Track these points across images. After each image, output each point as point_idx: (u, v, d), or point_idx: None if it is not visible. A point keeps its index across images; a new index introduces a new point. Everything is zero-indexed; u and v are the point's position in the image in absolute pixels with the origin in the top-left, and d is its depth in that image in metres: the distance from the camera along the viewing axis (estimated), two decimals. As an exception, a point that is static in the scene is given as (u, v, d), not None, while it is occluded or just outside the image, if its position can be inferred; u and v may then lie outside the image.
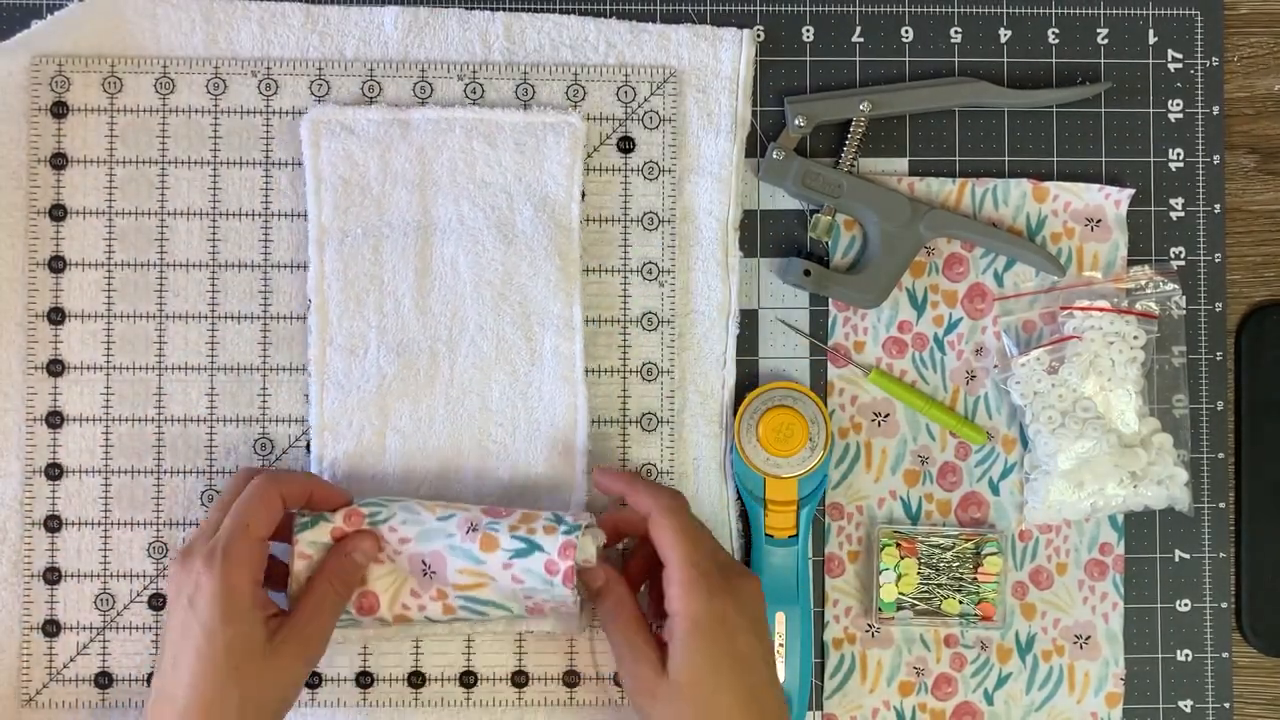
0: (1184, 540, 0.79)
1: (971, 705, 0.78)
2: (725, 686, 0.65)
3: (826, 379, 0.79)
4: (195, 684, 0.63)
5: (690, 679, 0.65)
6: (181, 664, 0.63)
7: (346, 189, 0.75)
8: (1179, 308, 0.79)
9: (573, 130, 0.75)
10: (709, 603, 0.65)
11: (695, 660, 0.65)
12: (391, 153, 0.75)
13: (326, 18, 0.76)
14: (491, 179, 0.75)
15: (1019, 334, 0.78)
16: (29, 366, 0.75)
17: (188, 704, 0.63)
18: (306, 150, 0.75)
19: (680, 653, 0.65)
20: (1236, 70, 0.81)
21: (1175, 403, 0.78)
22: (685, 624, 0.65)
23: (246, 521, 0.65)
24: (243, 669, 0.63)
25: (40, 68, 0.75)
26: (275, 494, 0.67)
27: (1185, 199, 0.80)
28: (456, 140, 0.75)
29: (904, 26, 0.80)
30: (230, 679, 0.63)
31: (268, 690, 0.64)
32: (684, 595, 0.65)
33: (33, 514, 0.75)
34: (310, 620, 0.66)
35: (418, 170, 0.75)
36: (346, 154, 0.75)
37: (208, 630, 0.63)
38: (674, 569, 0.66)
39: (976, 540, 0.77)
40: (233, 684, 0.63)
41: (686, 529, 0.67)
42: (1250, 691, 0.80)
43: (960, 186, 0.79)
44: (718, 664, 0.65)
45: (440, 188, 0.75)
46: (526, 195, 0.75)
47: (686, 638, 0.65)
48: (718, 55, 0.77)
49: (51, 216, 0.75)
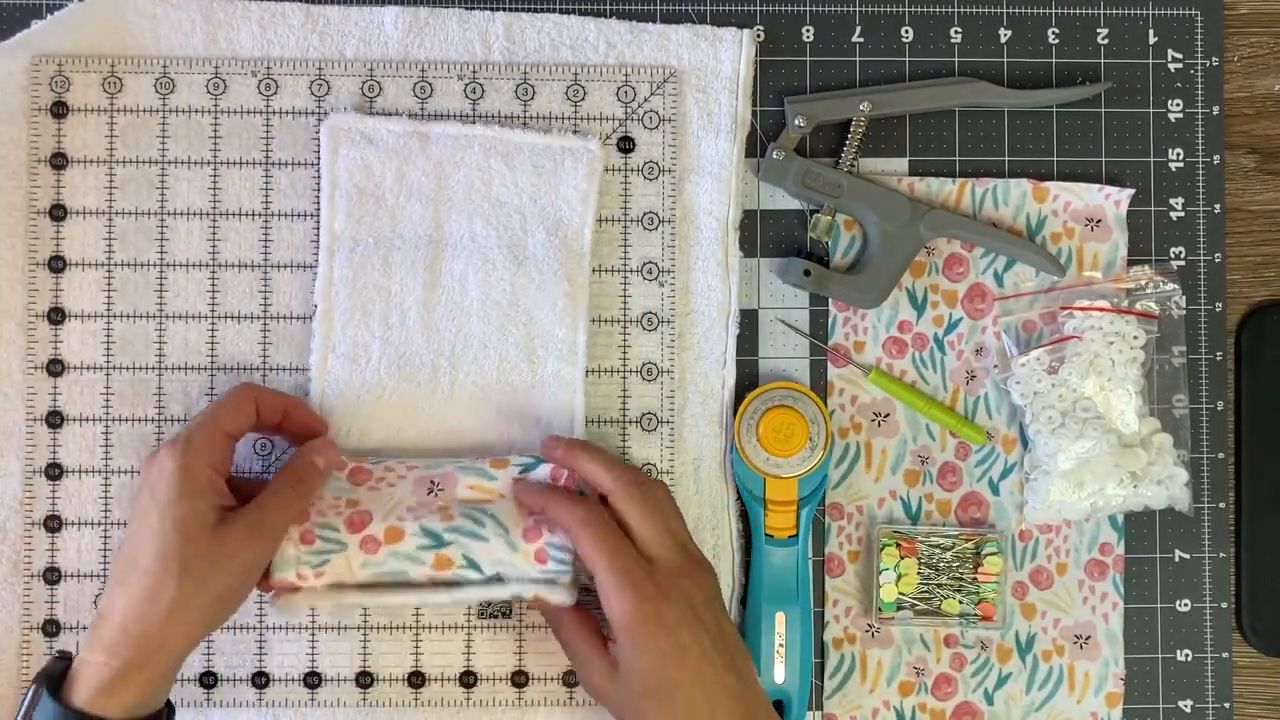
0: (1184, 540, 0.79)
1: (971, 705, 0.78)
2: (675, 681, 0.65)
3: (826, 379, 0.79)
4: (144, 561, 0.64)
5: (639, 677, 0.65)
6: (135, 543, 0.64)
7: (361, 198, 0.75)
8: (1179, 308, 0.79)
9: (590, 157, 0.75)
10: (639, 606, 0.65)
11: (642, 661, 0.65)
12: (409, 165, 0.75)
13: (326, 18, 0.76)
14: (506, 199, 0.75)
15: (1019, 334, 0.78)
16: (29, 366, 0.75)
17: (132, 580, 0.64)
18: (324, 155, 0.75)
19: (626, 657, 0.66)
20: (1236, 70, 0.81)
21: (1175, 403, 0.78)
22: (622, 630, 0.66)
23: (215, 414, 0.68)
24: (187, 545, 0.64)
25: (40, 68, 0.75)
26: (249, 398, 0.69)
27: (1185, 199, 0.80)
28: (474, 158, 0.75)
29: (904, 26, 0.80)
30: (174, 553, 0.63)
31: (210, 569, 0.64)
32: (614, 603, 0.66)
33: (33, 514, 0.75)
34: (262, 510, 0.66)
35: (433, 184, 0.75)
36: (364, 163, 0.75)
37: (160, 507, 0.64)
38: (600, 579, 0.66)
39: (976, 540, 0.77)
40: (175, 558, 0.63)
41: (603, 539, 0.67)
42: (1250, 691, 0.80)
43: (960, 186, 0.79)
44: (664, 662, 0.65)
45: (455, 204, 0.75)
46: (540, 218, 0.75)
47: (627, 642, 0.66)
48: (718, 55, 0.77)
49: (51, 216, 0.75)
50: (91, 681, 0.63)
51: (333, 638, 0.75)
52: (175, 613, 0.63)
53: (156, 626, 0.63)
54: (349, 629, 0.75)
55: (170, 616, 0.63)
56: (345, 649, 0.75)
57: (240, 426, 0.68)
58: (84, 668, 0.63)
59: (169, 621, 0.63)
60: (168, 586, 0.63)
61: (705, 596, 0.68)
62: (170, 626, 0.63)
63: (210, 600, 0.65)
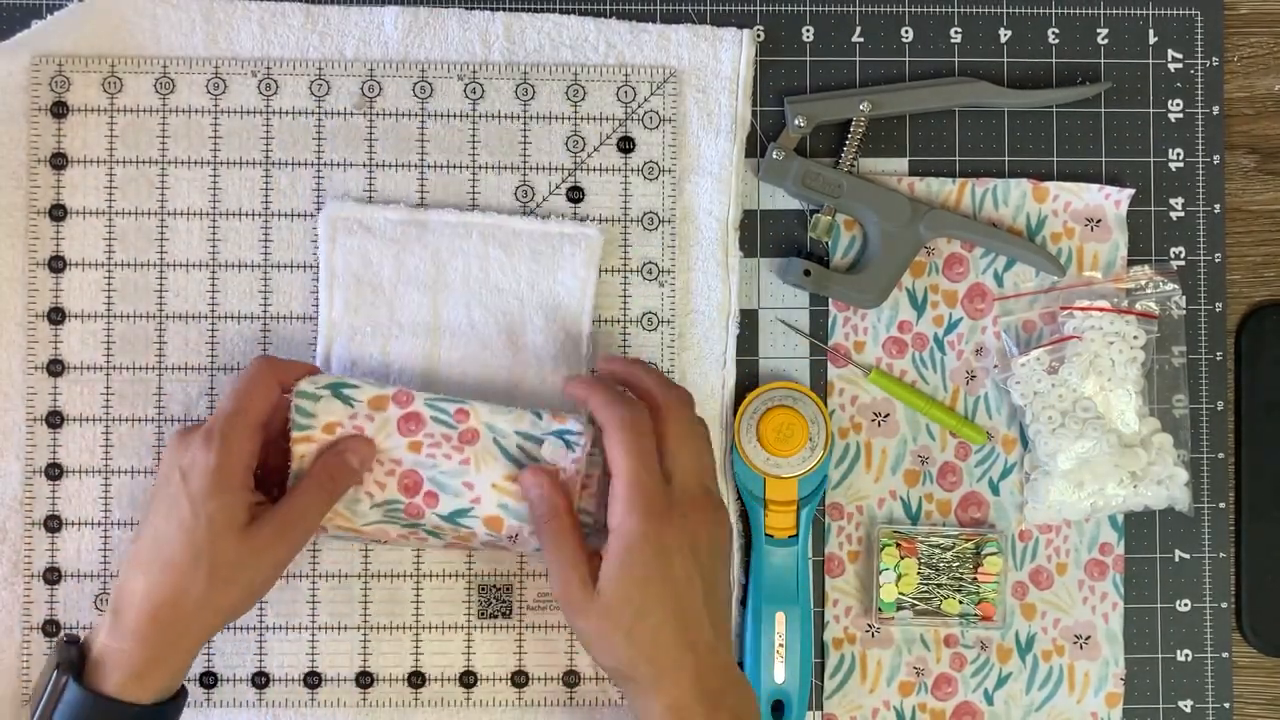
0: (1184, 540, 0.79)
1: (971, 705, 0.78)
2: (652, 608, 0.64)
3: (826, 379, 0.79)
4: (173, 553, 0.64)
5: (617, 597, 0.64)
6: (165, 535, 0.64)
7: (359, 287, 0.75)
8: (1179, 308, 0.79)
9: (589, 243, 0.75)
10: (645, 522, 0.64)
11: (624, 577, 0.64)
12: (406, 253, 0.75)
13: (326, 18, 0.76)
14: (504, 285, 0.75)
15: (1019, 334, 0.78)
16: (29, 366, 0.75)
17: (161, 572, 0.64)
18: (322, 245, 0.75)
19: (611, 570, 0.65)
20: (1236, 70, 0.81)
21: (1175, 403, 0.78)
22: (619, 541, 0.65)
23: (243, 406, 0.67)
24: (218, 544, 0.64)
25: (40, 68, 0.75)
26: (273, 380, 0.68)
27: (1185, 199, 0.80)
28: (472, 245, 0.75)
29: (904, 26, 0.80)
30: (204, 551, 0.64)
31: (239, 569, 0.65)
32: (621, 512, 0.65)
33: (33, 514, 0.75)
34: (292, 509, 0.66)
35: (431, 272, 0.75)
36: (362, 252, 0.75)
37: (195, 502, 0.64)
38: (617, 484, 0.65)
39: (976, 540, 0.77)
40: (205, 556, 0.64)
41: (636, 446, 0.66)
42: (1250, 691, 0.80)
43: (960, 186, 0.79)
44: (647, 584, 0.64)
45: (453, 290, 0.75)
46: (538, 304, 0.75)
47: (618, 555, 0.64)
48: (718, 55, 0.77)
49: (51, 216, 0.75)
50: (121, 669, 0.63)
51: (333, 638, 0.75)
52: (203, 607, 0.64)
53: (184, 619, 0.64)
54: (349, 629, 0.75)
55: (198, 611, 0.64)
56: (345, 649, 0.75)
57: (268, 412, 0.68)
58: (110, 655, 0.64)
59: (197, 615, 0.64)
60: (197, 583, 0.64)
61: (710, 540, 0.67)
62: (198, 620, 0.64)
63: (238, 596, 0.66)
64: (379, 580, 0.76)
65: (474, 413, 0.69)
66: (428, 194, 0.76)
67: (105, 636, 0.64)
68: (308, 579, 0.75)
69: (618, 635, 0.65)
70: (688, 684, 0.65)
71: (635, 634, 0.64)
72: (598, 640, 0.66)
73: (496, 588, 0.76)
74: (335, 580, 0.76)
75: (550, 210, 0.77)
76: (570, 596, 0.66)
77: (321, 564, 0.75)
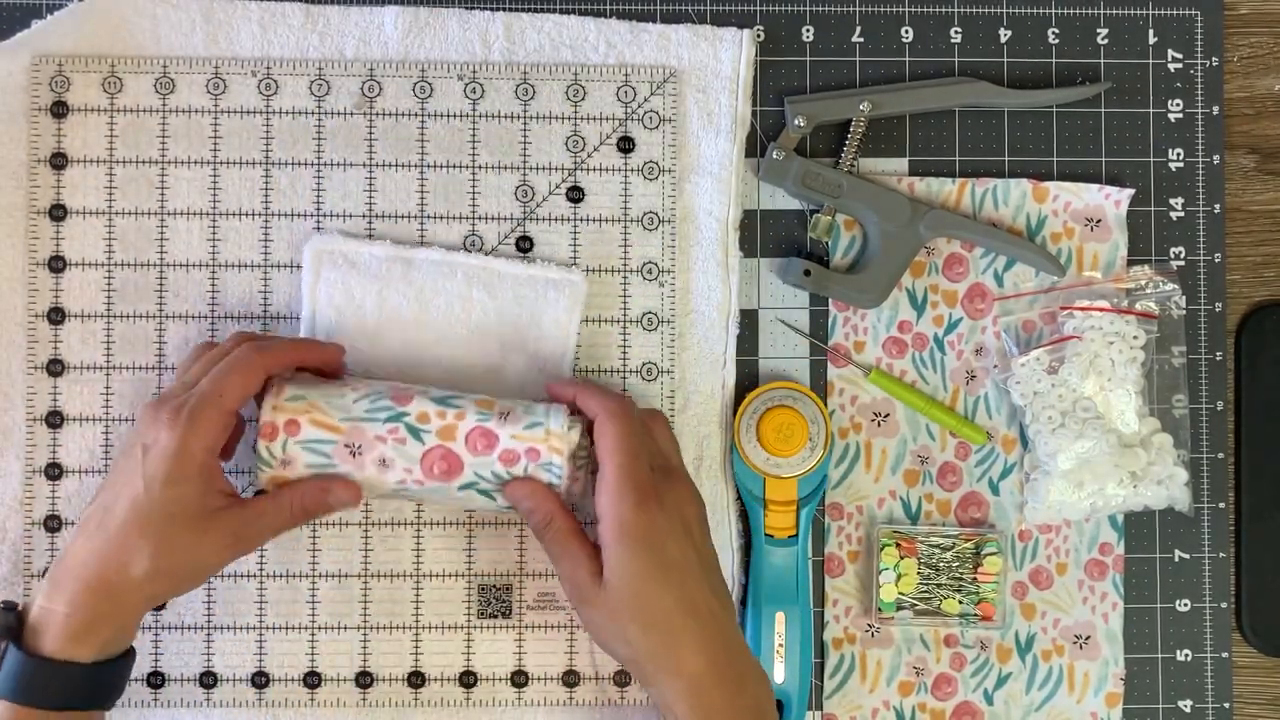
0: (1184, 540, 0.79)
1: (971, 705, 0.78)
2: (655, 592, 0.65)
3: (826, 379, 0.79)
4: (118, 531, 0.64)
5: (623, 585, 0.65)
6: (115, 508, 0.64)
7: (341, 320, 0.74)
8: (1179, 308, 0.79)
9: (573, 289, 0.75)
10: (635, 510, 0.65)
11: (627, 567, 0.65)
12: (390, 289, 0.74)
13: (326, 18, 0.76)
14: (487, 327, 0.75)
15: (1019, 334, 0.78)
16: (29, 366, 0.75)
17: (105, 543, 0.64)
18: (306, 278, 0.74)
19: (612, 560, 0.66)
20: (1236, 70, 0.81)
21: (1175, 403, 0.78)
22: (612, 531, 0.66)
23: (221, 390, 0.65)
24: (167, 530, 0.64)
25: (40, 68, 0.75)
26: (259, 367, 0.67)
27: (1185, 199, 0.80)
28: (456, 285, 0.75)
29: (904, 26, 0.80)
30: (151, 534, 0.63)
31: (182, 558, 0.65)
32: (610, 502, 0.66)
33: (33, 514, 0.75)
34: (254, 520, 0.66)
35: (414, 310, 0.75)
36: (346, 287, 0.74)
37: (148, 485, 0.64)
38: (605, 474, 0.67)
39: (976, 540, 0.77)
40: (151, 539, 0.63)
41: (624, 436, 0.67)
42: (1250, 691, 0.80)
43: (960, 186, 0.79)
44: (648, 570, 0.65)
45: (435, 329, 0.75)
46: (520, 346, 0.75)
47: (614, 545, 0.66)
48: (718, 55, 0.77)
49: (51, 216, 0.75)
50: (59, 631, 0.63)
51: (333, 638, 0.75)
52: (144, 583, 0.64)
53: (122, 592, 0.64)
54: (349, 629, 0.75)
55: (139, 584, 0.64)
56: (345, 649, 0.75)
57: (245, 399, 0.67)
58: (48, 617, 0.63)
59: (136, 588, 0.64)
60: (141, 559, 0.63)
61: (696, 517, 0.69)
62: (137, 592, 0.64)
63: (180, 577, 0.66)
64: (379, 580, 0.76)
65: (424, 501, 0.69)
66: (428, 194, 0.76)
67: (42, 599, 0.64)
68: (307, 579, 0.75)
69: (631, 626, 0.66)
70: (705, 666, 0.66)
71: (648, 618, 0.66)
72: (610, 629, 0.67)
73: (496, 588, 0.76)
74: (335, 580, 0.76)
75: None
76: (579, 593, 0.67)
77: (321, 564, 0.75)
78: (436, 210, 0.76)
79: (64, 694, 0.63)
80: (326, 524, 0.75)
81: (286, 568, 0.75)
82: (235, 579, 0.75)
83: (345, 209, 0.76)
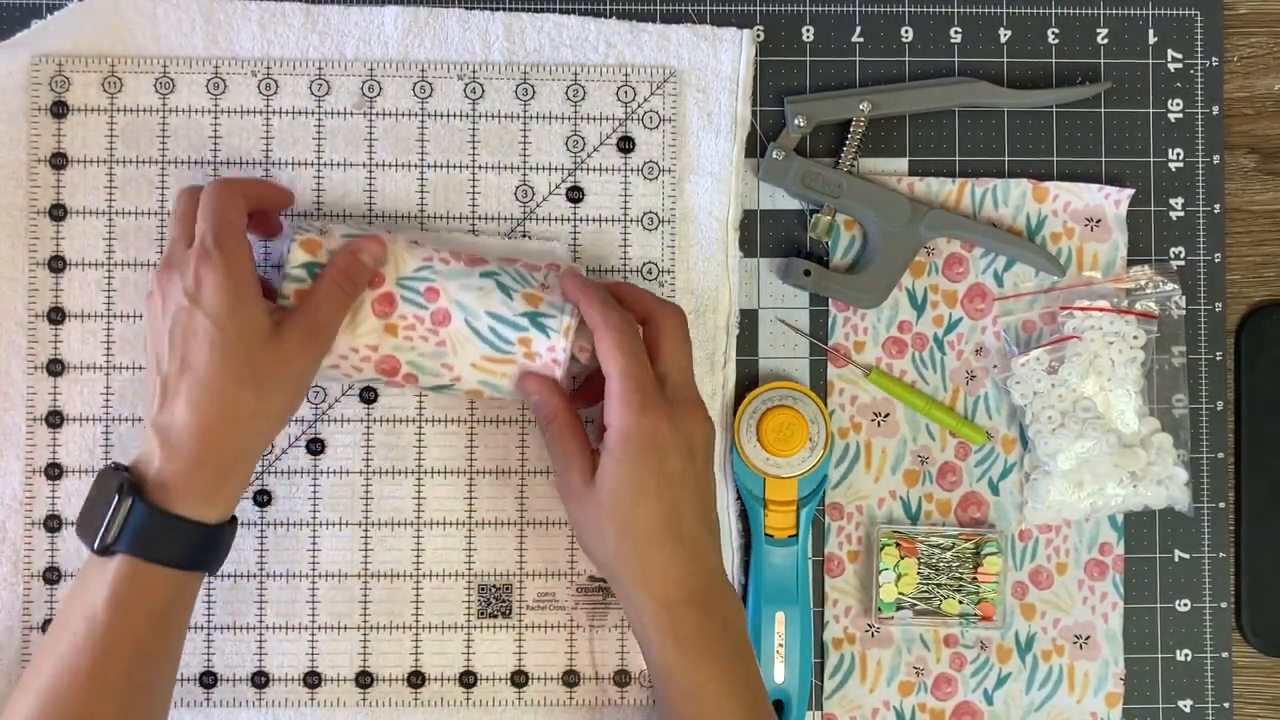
0: (1184, 540, 0.79)
1: (971, 705, 0.78)
2: (646, 501, 0.66)
3: (826, 379, 0.79)
4: (210, 376, 0.63)
5: (613, 489, 0.66)
6: (193, 360, 0.64)
7: None
8: (1179, 308, 0.79)
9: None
10: (640, 417, 0.66)
11: (621, 472, 0.66)
12: None
13: (326, 18, 0.76)
14: None
15: (1019, 334, 0.79)
16: (29, 366, 0.75)
17: (205, 395, 0.63)
18: None
19: (608, 463, 0.66)
20: (1236, 70, 0.81)
21: (1175, 403, 0.78)
22: (615, 436, 0.66)
23: (227, 217, 0.66)
24: (255, 354, 0.64)
25: (40, 68, 0.75)
26: (236, 191, 0.67)
27: (1185, 199, 0.80)
28: None
29: (904, 26, 0.80)
30: (244, 362, 0.64)
31: (278, 373, 0.65)
32: (617, 408, 0.66)
33: (33, 514, 0.75)
34: (314, 312, 0.66)
35: None
36: None
37: (217, 319, 0.63)
38: (611, 383, 0.67)
39: (976, 540, 0.77)
40: (246, 366, 0.64)
41: (628, 346, 0.67)
42: (1250, 691, 0.80)
43: (960, 186, 0.79)
44: (642, 478, 0.66)
45: None
46: None
47: (615, 449, 0.66)
48: (718, 55, 0.77)
49: (51, 216, 0.75)
50: (188, 490, 0.64)
51: (333, 637, 0.75)
52: (254, 421, 0.64)
53: (239, 434, 0.64)
54: (349, 629, 0.75)
55: (251, 425, 0.64)
56: (345, 649, 0.75)
57: (245, 222, 0.67)
58: (173, 476, 0.63)
59: (250, 430, 0.65)
60: (245, 398, 0.64)
61: (704, 440, 0.68)
62: (251, 431, 0.65)
63: (283, 402, 0.66)
64: (379, 580, 0.76)
65: (443, 290, 0.69)
66: (428, 194, 0.76)
67: (161, 462, 0.64)
68: (308, 579, 0.75)
69: (610, 527, 0.66)
70: (676, 581, 0.66)
71: (628, 525, 0.66)
72: (592, 531, 0.67)
73: (496, 588, 0.76)
74: (335, 580, 0.76)
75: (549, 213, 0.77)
76: (570, 489, 0.68)
77: (321, 564, 0.75)
78: (436, 210, 0.76)
79: (184, 553, 0.64)
80: (326, 524, 0.75)
81: (286, 568, 0.75)
82: (235, 579, 0.75)
83: (345, 209, 0.76)
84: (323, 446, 0.76)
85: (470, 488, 0.76)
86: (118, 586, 0.63)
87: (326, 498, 0.76)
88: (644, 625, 0.67)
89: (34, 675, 0.63)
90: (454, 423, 0.76)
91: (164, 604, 0.64)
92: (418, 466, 0.76)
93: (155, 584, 0.64)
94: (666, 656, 0.66)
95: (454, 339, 0.69)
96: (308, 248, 0.68)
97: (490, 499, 0.76)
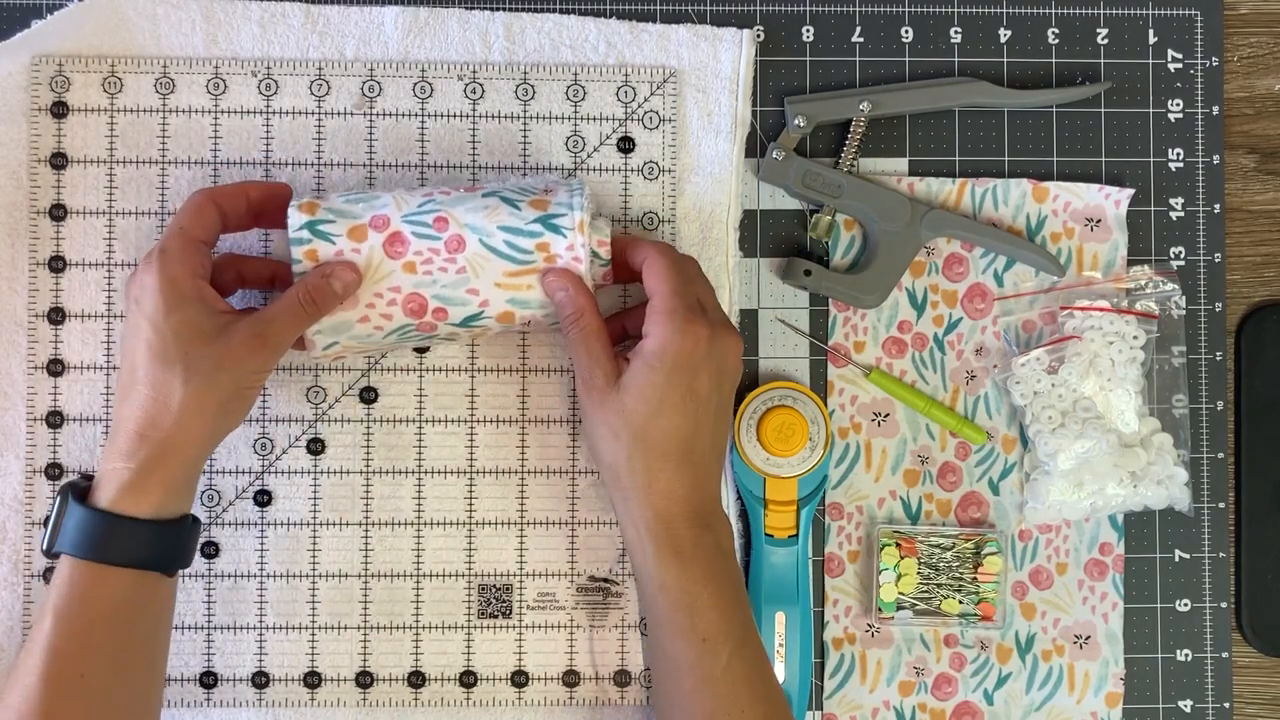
0: (1184, 540, 0.79)
1: (971, 705, 0.78)
2: (667, 413, 0.66)
3: (826, 379, 0.79)
4: (145, 375, 0.65)
5: (637, 395, 0.67)
6: (134, 362, 0.65)
7: None
8: (1179, 308, 0.79)
9: None
10: (682, 332, 0.66)
11: (652, 379, 0.66)
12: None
13: (326, 18, 0.76)
14: None
15: (1019, 334, 0.79)
16: (29, 366, 0.75)
17: (139, 390, 0.65)
18: None
19: (640, 369, 0.67)
20: (1236, 70, 0.81)
21: (1175, 403, 0.78)
22: (654, 344, 0.67)
23: (180, 225, 0.67)
24: (187, 352, 0.64)
25: (40, 68, 0.75)
26: (208, 202, 0.68)
27: (1185, 199, 0.80)
28: None
29: (904, 26, 0.80)
30: (176, 359, 0.64)
31: (218, 373, 0.65)
32: (662, 319, 0.67)
33: (33, 514, 0.75)
34: (268, 322, 0.66)
35: None
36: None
37: (153, 321, 0.65)
38: (657, 299, 0.68)
39: (976, 540, 0.77)
40: (178, 362, 0.64)
41: (679, 268, 0.68)
42: (1250, 691, 0.80)
43: (960, 186, 0.79)
44: (668, 391, 0.66)
45: None
46: None
47: (650, 357, 0.67)
48: (718, 55, 0.77)
49: (51, 216, 0.75)
50: (113, 484, 0.65)
51: (333, 638, 0.75)
52: (186, 414, 0.65)
53: (169, 428, 0.64)
54: (349, 629, 0.75)
55: (181, 418, 0.65)
56: (345, 649, 0.75)
57: (210, 232, 0.68)
58: (105, 475, 0.65)
59: (181, 423, 0.65)
60: (175, 390, 0.64)
61: (734, 367, 0.69)
62: (183, 428, 0.65)
63: (219, 402, 0.66)
64: (379, 580, 0.76)
65: (451, 217, 0.69)
66: (428, 194, 0.76)
67: (102, 462, 0.66)
68: (308, 579, 0.75)
69: (627, 431, 0.67)
70: (680, 497, 0.67)
71: (646, 433, 0.67)
72: (607, 434, 0.68)
73: (496, 588, 0.76)
74: (335, 580, 0.76)
75: None
76: (592, 389, 0.68)
77: (321, 564, 0.75)
78: (436, 210, 0.76)
79: (123, 551, 0.64)
80: (326, 524, 0.75)
81: (286, 568, 0.75)
82: (235, 579, 0.75)
83: (345, 209, 0.76)
84: (323, 446, 0.76)
85: (470, 488, 0.76)
86: (63, 588, 0.64)
87: (327, 498, 0.76)
88: (639, 534, 0.67)
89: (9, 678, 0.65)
90: (454, 423, 0.76)
91: (115, 604, 0.64)
92: (418, 466, 0.76)
93: (105, 584, 0.64)
94: (661, 566, 0.67)
95: (473, 263, 0.68)
96: (306, 209, 0.68)
97: (490, 499, 0.76)
